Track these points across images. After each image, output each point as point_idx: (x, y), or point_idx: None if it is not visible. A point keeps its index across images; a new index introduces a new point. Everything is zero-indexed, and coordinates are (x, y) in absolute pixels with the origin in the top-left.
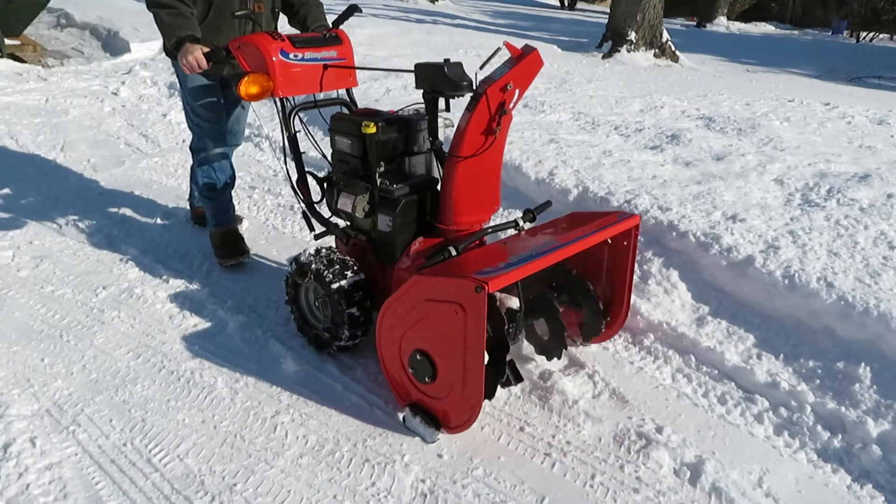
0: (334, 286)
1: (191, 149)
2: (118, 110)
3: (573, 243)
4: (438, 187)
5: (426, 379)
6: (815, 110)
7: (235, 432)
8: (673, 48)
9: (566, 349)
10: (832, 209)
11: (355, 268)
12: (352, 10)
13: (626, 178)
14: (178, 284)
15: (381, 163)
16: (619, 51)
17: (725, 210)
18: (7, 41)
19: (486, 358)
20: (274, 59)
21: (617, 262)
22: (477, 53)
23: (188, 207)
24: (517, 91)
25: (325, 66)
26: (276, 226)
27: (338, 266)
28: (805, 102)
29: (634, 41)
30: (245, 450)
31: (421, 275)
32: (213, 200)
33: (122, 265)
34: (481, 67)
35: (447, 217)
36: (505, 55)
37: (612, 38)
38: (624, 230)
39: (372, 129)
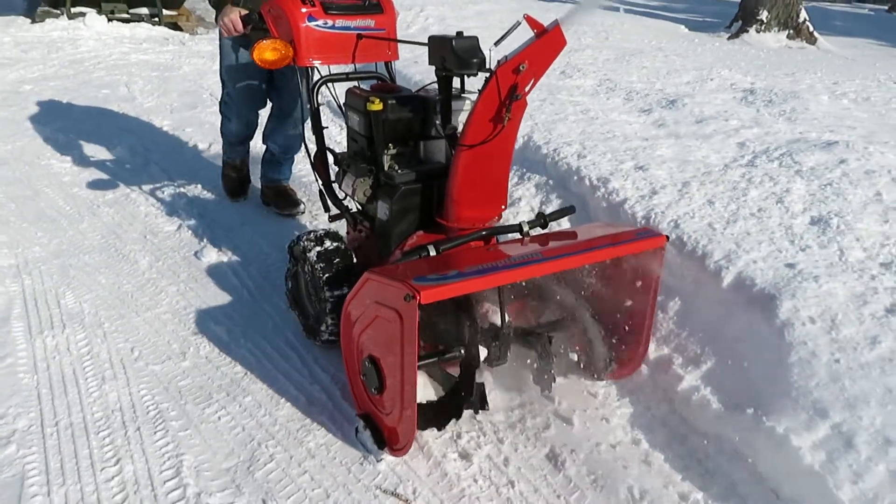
0: (324, 295)
1: (220, 105)
2: None
3: (557, 259)
4: None
5: (373, 389)
6: None
7: (131, 292)
8: (810, 29)
9: (553, 382)
10: (761, 168)
11: (346, 252)
12: None
13: (578, 133)
14: (168, 194)
15: (391, 144)
16: (748, 31)
17: (640, 161)
18: (166, 11)
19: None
20: (301, 25)
21: (638, 287)
22: (574, 29)
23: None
24: (534, 74)
25: (360, 37)
26: None
27: (336, 272)
28: None
29: (766, 21)
30: (128, 303)
31: (371, 272)
32: (227, 139)
33: (138, 177)
34: (496, 44)
35: (447, 211)
36: (528, 32)
37: (742, 18)
38: (639, 251)
39: (377, 106)
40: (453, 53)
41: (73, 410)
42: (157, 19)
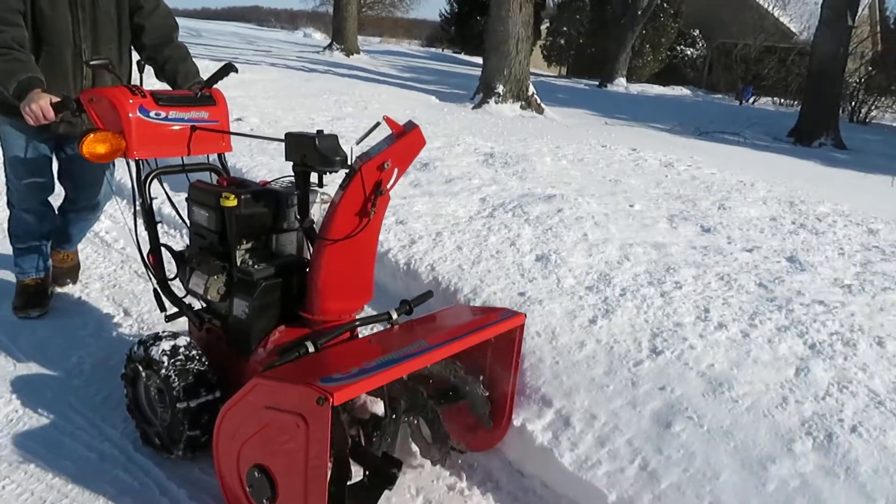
0: (180, 406)
1: (7, 195)
2: None
3: (445, 345)
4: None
5: (264, 501)
6: (615, 154)
7: None
8: (538, 101)
9: (450, 453)
10: (499, 218)
11: (212, 381)
12: (227, 68)
13: None
14: None
15: (243, 240)
16: (488, 102)
17: (400, 216)
18: None
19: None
20: (131, 115)
21: (498, 363)
22: (336, 99)
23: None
24: (396, 170)
25: (193, 129)
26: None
27: (192, 379)
28: (613, 148)
29: (502, 94)
30: None
31: (262, 377)
32: (22, 248)
33: None
34: (358, 142)
35: (312, 305)
36: (385, 130)
37: (483, 91)
38: (505, 331)
39: (232, 202)
40: (316, 151)
41: None
42: None
